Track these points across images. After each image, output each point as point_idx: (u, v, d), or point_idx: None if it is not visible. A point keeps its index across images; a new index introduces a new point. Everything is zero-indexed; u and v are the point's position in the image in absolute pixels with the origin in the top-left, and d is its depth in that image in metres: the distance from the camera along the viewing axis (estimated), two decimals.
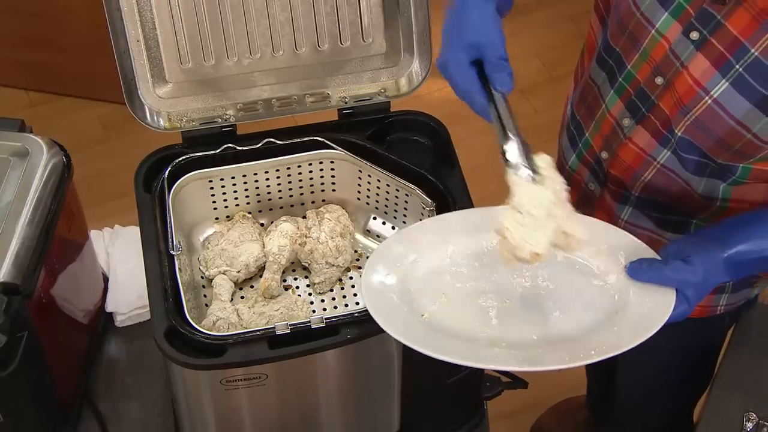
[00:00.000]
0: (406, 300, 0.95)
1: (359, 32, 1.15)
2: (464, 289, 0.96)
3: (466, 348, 0.89)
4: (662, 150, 1.04)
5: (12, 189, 1.06)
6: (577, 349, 0.88)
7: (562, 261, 0.97)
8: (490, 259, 0.98)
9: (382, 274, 0.96)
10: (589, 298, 0.94)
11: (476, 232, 1.00)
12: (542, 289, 0.96)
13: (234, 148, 1.13)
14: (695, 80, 0.96)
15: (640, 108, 1.04)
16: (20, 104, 2.41)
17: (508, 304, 0.95)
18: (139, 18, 1.08)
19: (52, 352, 1.07)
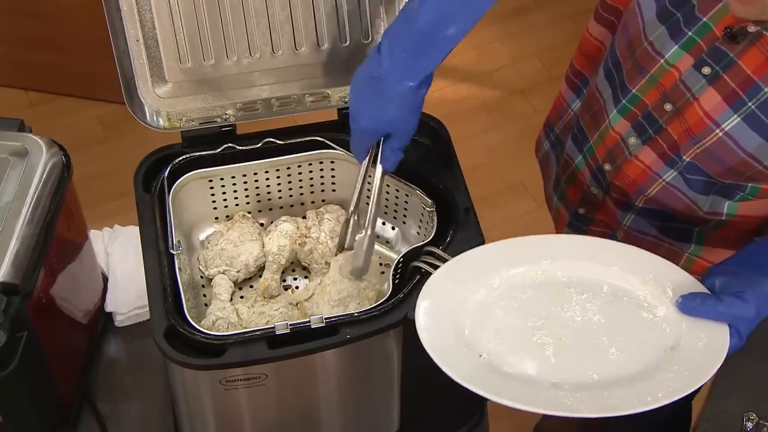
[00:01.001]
0: (461, 339, 0.93)
1: (359, 32, 1.15)
2: (517, 325, 0.95)
3: (532, 393, 0.89)
4: (669, 170, 1.04)
5: (11, 189, 1.06)
6: (643, 392, 0.88)
7: (607, 292, 0.96)
8: (537, 292, 0.97)
9: (432, 315, 0.94)
10: (642, 333, 0.94)
11: (520, 264, 0.99)
12: (594, 323, 0.95)
13: (234, 148, 1.13)
14: (706, 113, 0.96)
15: (648, 129, 1.03)
16: (20, 104, 2.41)
17: (563, 342, 0.93)
18: (138, 18, 1.08)
19: (51, 352, 1.07)
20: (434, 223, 1.08)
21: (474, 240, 1.04)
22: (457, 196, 1.09)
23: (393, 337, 1.01)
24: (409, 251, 1.05)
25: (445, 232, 1.06)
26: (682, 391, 0.88)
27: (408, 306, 0.99)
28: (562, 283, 0.97)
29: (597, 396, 0.89)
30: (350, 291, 1.07)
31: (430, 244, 1.04)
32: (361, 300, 1.07)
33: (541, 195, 1.34)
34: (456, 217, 1.07)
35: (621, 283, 0.96)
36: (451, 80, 2.52)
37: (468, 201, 1.09)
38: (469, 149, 1.36)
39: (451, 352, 0.91)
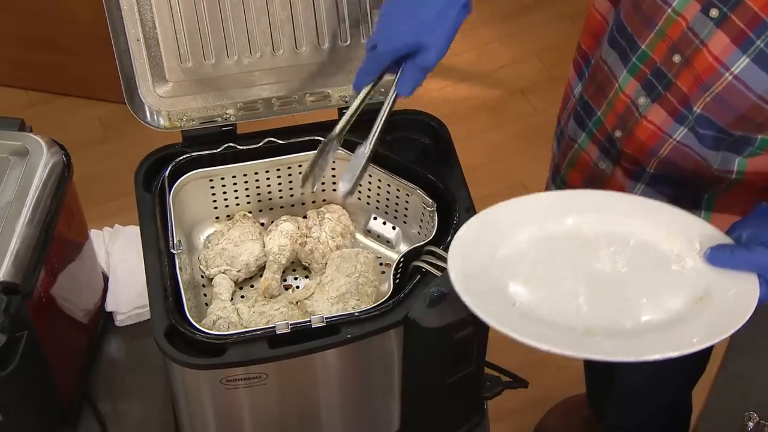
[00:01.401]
0: (493, 290, 0.95)
1: (360, 31, 1.14)
2: (547, 275, 0.96)
3: (567, 339, 0.90)
4: (679, 127, 1.04)
5: (12, 188, 1.06)
6: (677, 338, 0.90)
7: (634, 245, 0.98)
8: (565, 245, 0.98)
9: (466, 263, 0.96)
10: (671, 284, 0.95)
11: (546, 218, 1.00)
12: (623, 275, 0.96)
13: (234, 148, 1.13)
14: (715, 57, 0.96)
15: (657, 86, 1.04)
16: (20, 104, 2.41)
17: (594, 291, 0.95)
18: (139, 17, 1.08)
19: (51, 351, 1.07)
20: (435, 223, 1.08)
21: None
22: (458, 195, 1.09)
23: (393, 336, 1.01)
24: (410, 251, 1.05)
25: (445, 231, 1.06)
26: (715, 336, 0.89)
27: (408, 305, 0.99)
28: (589, 237, 0.98)
29: (631, 342, 0.90)
30: (348, 287, 1.07)
31: (431, 244, 1.04)
32: (360, 296, 1.07)
33: None
34: (457, 217, 1.07)
35: (648, 237, 0.98)
36: (452, 80, 2.52)
37: (469, 201, 1.09)
38: (469, 149, 1.36)
39: (484, 301, 0.92)
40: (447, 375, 1.05)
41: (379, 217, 1.20)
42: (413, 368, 1.04)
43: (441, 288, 0.99)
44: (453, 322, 0.99)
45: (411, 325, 0.98)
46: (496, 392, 1.16)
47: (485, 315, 0.90)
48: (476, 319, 1.01)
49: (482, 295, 0.93)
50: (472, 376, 1.08)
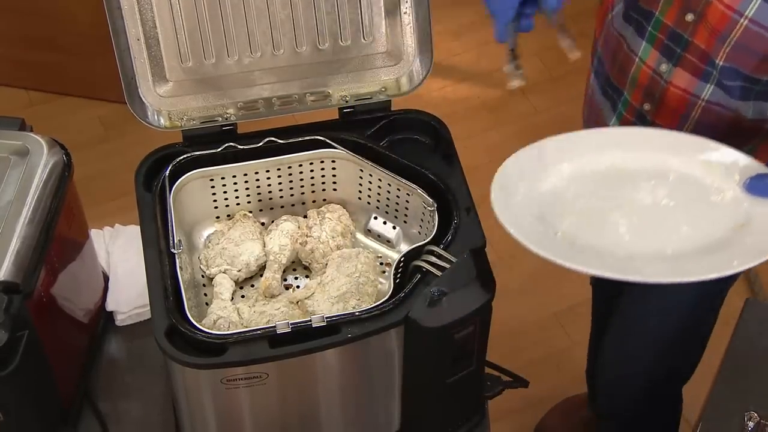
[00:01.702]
0: (537, 218, 0.98)
1: (360, 31, 1.14)
2: (590, 207, 1.00)
3: (609, 263, 0.93)
4: (705, 85, 1.06)
5: (12, 188, 1.06)
6: (717, 261, 0.93)
7: (674, 179, 1.01)
8: (607, 179, 1.02)
9: (510, 195, 1.00)
10: (712, 213, 0.99)
11: (588, 153, 1.04)
12: (664, 206, 1.00)
13: (235, 147, 1.13)
14: (727, 5, 0.97)
15: (675, 50, 1.06)
16: (20, 104, 2.42)
17: (636, 221, 0.98)
18: (139, 16, 1.08)
19: (52, 351, 1.07)
20: (435, 223, 1.08)
21: (475, 239, 1.04)
22: (458, 195, 1.09)
23: (394, 336, 1.01)
24: (410, 251, 1.05)
25: (446, 231, 1.06)
26: (756, 259, 0.92)
27: (409, 305, 0.99)
28: (630, 171, 1.02)
29: (671, 265, 0.94)
30: (349, 287, 1.07)
31: (431, 244, 1.04)
32: (361, 296, 1.07)
33: None
34: (457, 217, 1.07)
35: (688, 171, 1.01)
36: (452, 80, 2.52)
37: (469, 200, 1.09)
38: (469, 149, 1.36)
39: (527, 231, 0.95)
40: (447, 375, 1.05)
41: (379, 217, 1.20)
42: (414, 368, 1.04)
43: (441, 287, 0.99)
44: (453, 322, 0.99)
45: (411, 325, 0.98)
46: (496, 392, 1.16)
47: (529, 242, 0.93)
48: (477, 318, 1.01)
49: (526, 226, 0.96)
50: (472, 376, 1.08)
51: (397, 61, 1.16)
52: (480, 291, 1.00)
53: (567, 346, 1.97)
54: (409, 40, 1.15)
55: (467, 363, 1.05)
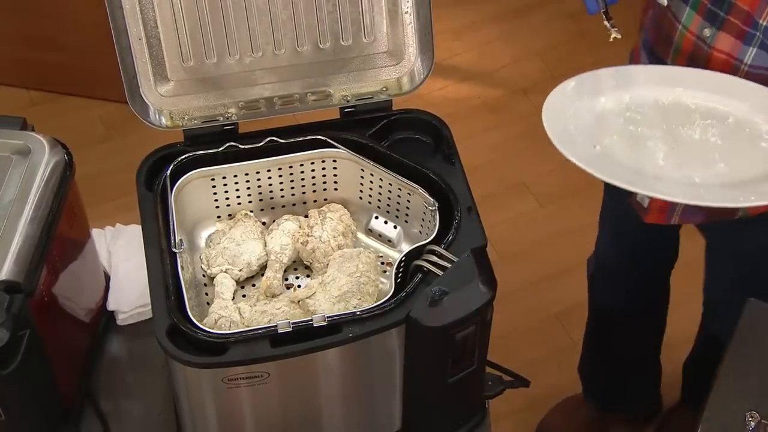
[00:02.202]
0: (580, 130, 1.03)
1: (361, 30, 1.15)
2: (636, 133, 1.04)
3: (632, 177, 0.97)
4: (748, 48, 1.07)
5: (14, 187, 1.06)
6: (736, 193, 0.97)
7: (731, 123, 1.05)
8: (664, 111, 1.07)
9: (566, 100, 1.05)
10: (755, 157, 1.02)
11: (654, 85, 1.09)
12: (710, 143, 1.03)
13: (236, 147, 1.13)
14: None
15: (718, 14, 1.07)
16: (21, 103, 2.42)
17: (676, 150, 1.02)
18: (141, 16, 1.08)
19: (53, 350, 1.07)
20: (436, 222, 1.08)
21: (476, 239, 1.04)
22: (460, 195, 1.09)
23: (395, 336, 1.01)
24: (411, 250, 1.05)
25: (447, 231, 1.06)
26: None
27: (410, 305, 0.99)
28: (690, 108, 1.06)
29: (691, 189, 0.97)
30: (350, 287, 1.07)
31: (433, 243, 1.04)
32: (362, 296, 1.07)
33: (542, 194, 1.34)
34: (458, 216, 1.07)
35: (748, 117, 1.05)
36: (453, 79, 2.52)
37: (470, 200, 1.09)
38: (470, 148, 1.36)
39: (566, 139, 1.00)
40: (448, 374, 1.05)
41: (380, 217, 1.20)
42: (415, 367, 1.04)
43: (443, 287, 0.99)
44: (454, 322, 0.99)
45: (412, 325, 0.98)
46: (497, 392, 1.16)
47: (561, 145, 0.98)
48: (478, 318, 1.01)
49: (567, 134, 1.01)
50: (473, 376, 1.08)
51: (398, 61, 1.16)
52: (481, 290, 1.00)
53: (568, 346, 1.97)
54: (411, 40, 1.15)
55: (468, 363, 1.05)
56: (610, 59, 2.74)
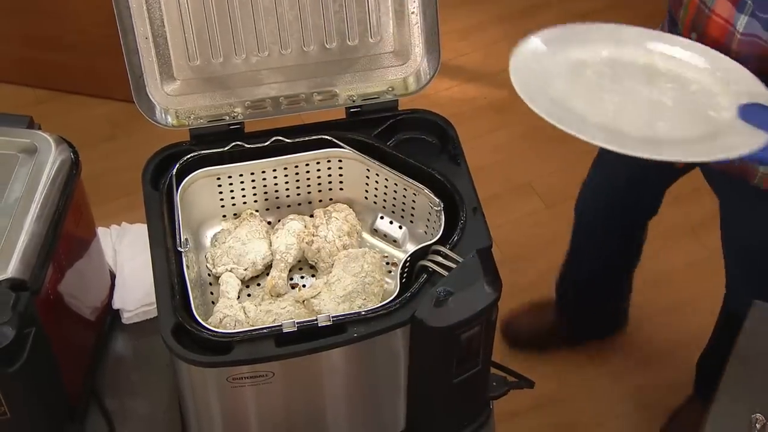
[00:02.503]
0: (542, 72, 1.09)
1: (367, 30, 1.15)
2: (599, 85, 1.10)
3: (573, 121, 1.02)
4: (740, 16, 1.10)
5: (20, 185, 1.06)
6: (661, 149, 1.02)
7: (695, 91, 1.09)
8: (633, 71, 1.12)
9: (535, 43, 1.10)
10: (697, 122, 1.05)
11: (640, 47, 1.14)
12: (662, 104, 1.08)
13: (242, 146, 1.13)
14: None
15: None
16: (27, 102, 2.42)
17: (626, 105, 1.07)
18: (147, 15, 1.08)
19: (59, 348, 1.07)
20: (441, 223, 1.08)
21: (481, 240, 1.04)
22: (465, 195, 1.09)
23: (400, 336, 1.01)
24: (417, 250, 1.05)
25: (452, 231, 1.06)
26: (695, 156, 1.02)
27: (415, 305, 0.99)
28: (660, 71, 1.11)
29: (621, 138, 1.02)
30: (355, 287, 1.07)
31: (438, 244, 1.04)
32: (367, 296, 1.07)
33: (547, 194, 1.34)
34: (463, 217, 1.07)
35: (709, 88, 1.08)
36: (459, 80, 2.51)
37: (476, 200, 1.09)
38: (476, 149, 1.36)
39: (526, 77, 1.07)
40: (453, 375, 1.05)
41: (386, 217, 1.20)
42: (419, 368, 1.04)
43: (448, 287, 0.99)
44: (459, 322, 0.99)
45: (417, 325, 0.98)
46: (502, 392, 1.16)
47: (516, 79, 1.03)
48: (483, 318, 1.01)
49: (529, 71, 1.07)
50: (478, 376, 1.08)
51: (404, 61, 1.16)
52: (486, 291, 1.00)
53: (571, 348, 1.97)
54: (417, 40, 1.15)
55: (473, 363, 1.05)
56: None
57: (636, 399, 1.88)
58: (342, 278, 1.08)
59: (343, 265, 1.10)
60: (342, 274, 1.09)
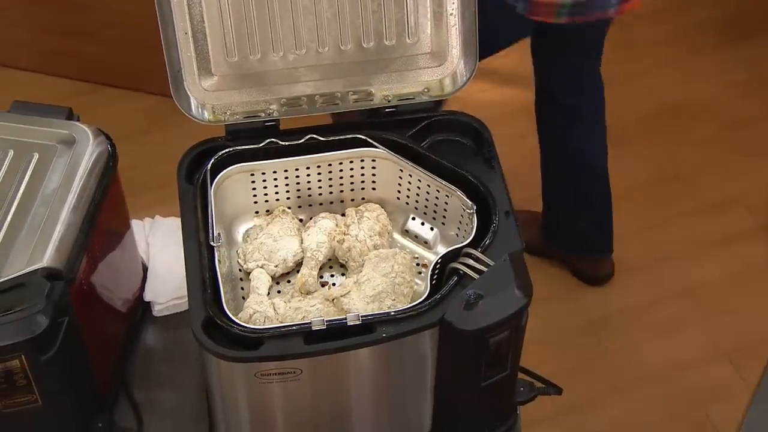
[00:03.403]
0: None
1: (405, 31, 1.14)
2: None
3: None
4: None
5: (58, 176, 1.07)
6: None
7: None
8: None
9: None
10: None
11: None
12: None
13: (276, 143, 1.13)
14: None
15: None
16: (67, 93, 2.45)
17: None
18: (188, 10, 1.09)
19: (90, 338, 1.08)
20: (474, 225, 1.07)
21: (513, 244, 1.04)
22: (498, 198, 1.08)
23: (428, 338, 1.00)
24: (448, 252, 1.04)
25: (484, 234, 1.05)
26: None
27: (445, 307, 0.98)
28: None
29: None
30: (385, 287, 1.07)
31: (469, 246, 1.04)
32: (396, 296, 1.07)
33: None
34: (496, 220, 1.06)
35: None
36: (494, 83, 2.50)
37: (508, 204, 1.08)
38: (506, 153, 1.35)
39: None
40: (481, 378, 1.04)
41: (417, 218, 1.19)
42: (447, 370, 1.03)
43: (478, 291, 0.98)
44: (489, 326, 0.98)
45: (447, 327, 0.98)
46: (529, 398, 1.15)
47: None
48: (512, 322, 1.00)
49: None
50: (506, 381, 1.07)
51: (441, 62, 1.16)
52: (517, 295, 1.00)
53: (599, 355, 1.96)
54: (455, 42, 1.15)
55: (501, 368, 1.05)
56: (653, 68, 2.72)
57: (668, 406, 1.86)
58: (372, 278, 1.08)
59: (373, 265, 1.10)
60: (372, 273, 1.09)
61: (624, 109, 2.30)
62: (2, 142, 1.10)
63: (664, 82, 2.41)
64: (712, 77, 2.43)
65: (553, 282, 2.03)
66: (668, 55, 2.45)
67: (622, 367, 1.92)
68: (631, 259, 2.07)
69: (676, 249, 2.07)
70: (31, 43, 2.46)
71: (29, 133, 1.11)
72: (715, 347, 1.90)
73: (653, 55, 2.45)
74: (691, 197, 2.15)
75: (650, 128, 2.32)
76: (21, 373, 0.98)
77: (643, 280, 2.05)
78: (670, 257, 2.07)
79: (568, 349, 1.99)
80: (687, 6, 2.58)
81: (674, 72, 2.44)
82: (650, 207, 2.17)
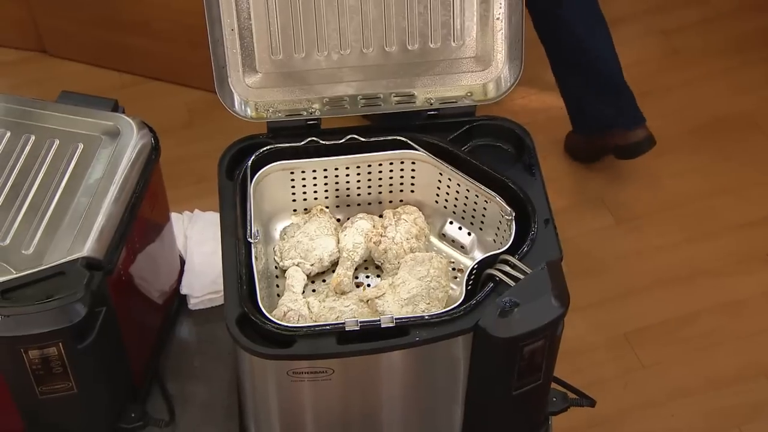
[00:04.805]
0: None
1: (450, 34, 1.14)
2: None
3: None
4: None
5: (101, 167, 1.09)
6: None
7: None
8: None
9: None
10: None
11: None
12: None
13: (317, 142, 1.14)
14: None
15: None
16: (113, 85, 2.48)
17: None
18: (235, 7, 1.09)
19: (127, 329, 1.10)
20: (512, 232, 1.06)
21: (552, 252, 1.03)
22: (538, 206, 1.07)
23: (462, 343, 1.00)
24: (485, 258, 1.04)
25: (522, 241, 1.04)
26: None
27: (479, 313, 0.98)
28: None
29: None
30: (419, 290, 1.06)
31: (507, 253, 1.03)
32: (431, 300, 1.06)
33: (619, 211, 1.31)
34: (535, 228, 1.05)
35: None
36: (537, 88, 2.48)
37: (548, 212, 1.07)
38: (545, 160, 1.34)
39: None
40: (513, 387, 1.04)
41: (455, 222, 1.19)
42: (479, 377, 1.03)
43: (514, 298, 0.98)
44: (524, 334, 0.98)
45: (480, 334, 0.97)
46: (561, 408, 1.14)
47: None
48: (548, 332, 0.99)
49: None
50: (539, 390, 1.06)
51: (485, 67, 1.15)
52: (553, 304, 0.99)
53: (636, 367, 1.93)
54: (500, 46, 1.14)
55: (535, 377, 1.04)
56: (699, 78, 2.67)
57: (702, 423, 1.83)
58: (407, 281, 1.08)
59: (409, 268, 1.09)
60: (407, 276, 1.08)
61: (671, 119, 2.27)
62: (48, 131, 1.12)
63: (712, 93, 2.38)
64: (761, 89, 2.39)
65: (590, 291, 2.01)
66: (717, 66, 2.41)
67: (657, 381, 1.89)
68: (672, 271, 2.04)
69: (718, 263, 2.04)
70: (79, 35, 2.49)
71: (75, 123, 1.13)
72: (752, 365, 1.86)
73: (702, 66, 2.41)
74: (738, 211, 2.11)
75: (698, 140, 2.28)
76: (58, 360, 0.99)
77: (683, 292, 2.02)
78: (711, 271, 2.03)
79: (603, 360, 1.97)
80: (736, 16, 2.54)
81: (723, 83, 2.40)
82: (695, 219, 2.14)
